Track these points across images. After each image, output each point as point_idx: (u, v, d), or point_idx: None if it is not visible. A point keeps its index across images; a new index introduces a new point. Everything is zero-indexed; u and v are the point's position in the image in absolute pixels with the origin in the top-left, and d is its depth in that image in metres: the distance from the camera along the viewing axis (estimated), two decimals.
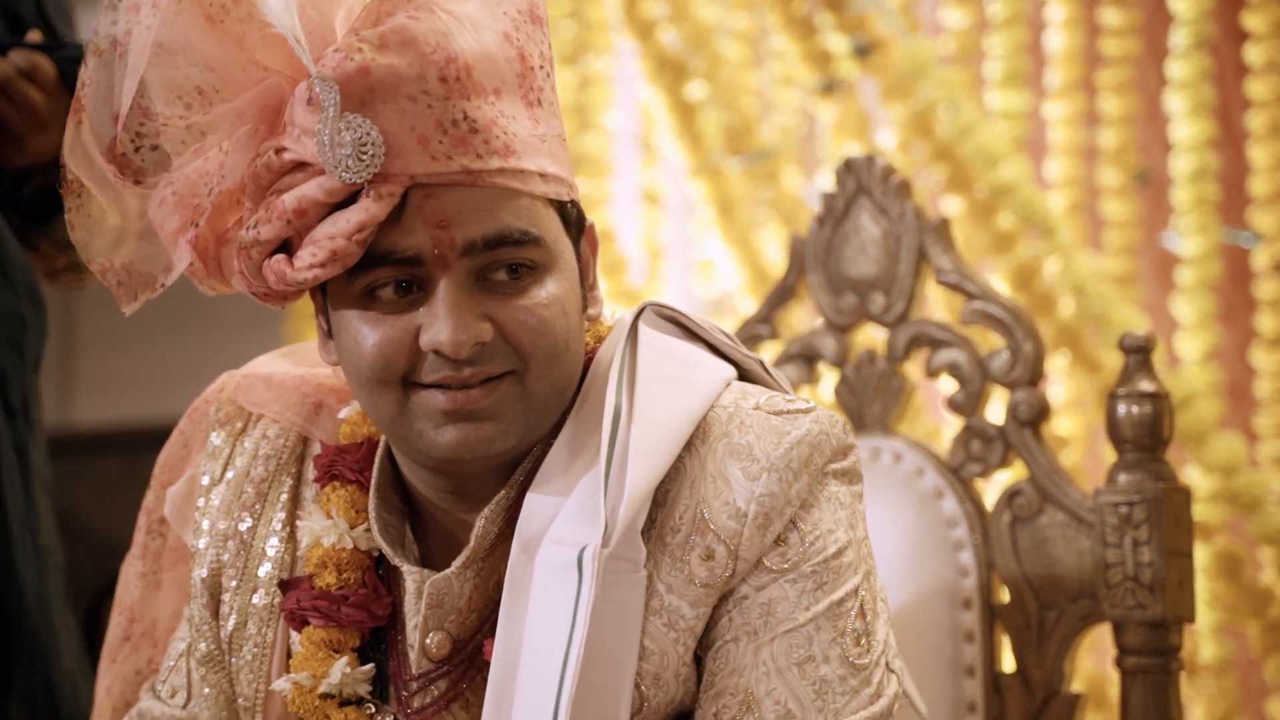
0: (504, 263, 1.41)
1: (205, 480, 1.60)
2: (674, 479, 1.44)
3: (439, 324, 1.39)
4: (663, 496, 1.44)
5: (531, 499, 1.44)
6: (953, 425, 2.65)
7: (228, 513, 1.58)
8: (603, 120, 3.23)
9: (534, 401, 1.43)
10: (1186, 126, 2.67)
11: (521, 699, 1.38)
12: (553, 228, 1.44)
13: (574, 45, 3.20)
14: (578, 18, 3.21)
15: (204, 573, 1.58)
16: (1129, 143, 2.79)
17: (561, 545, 1.40)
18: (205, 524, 1.59)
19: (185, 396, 1.72)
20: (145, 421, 3.94)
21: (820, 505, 1.45)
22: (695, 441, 1.45)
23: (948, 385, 2.01)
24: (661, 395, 1.45)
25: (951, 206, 2.67)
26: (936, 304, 2.56)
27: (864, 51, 2.69)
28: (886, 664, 1.46)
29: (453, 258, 1.39)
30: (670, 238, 3.33)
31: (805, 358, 2.05)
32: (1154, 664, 1.81)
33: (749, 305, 2.90)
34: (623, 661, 1.41)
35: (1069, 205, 2.78)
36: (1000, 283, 2.63)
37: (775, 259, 2.90)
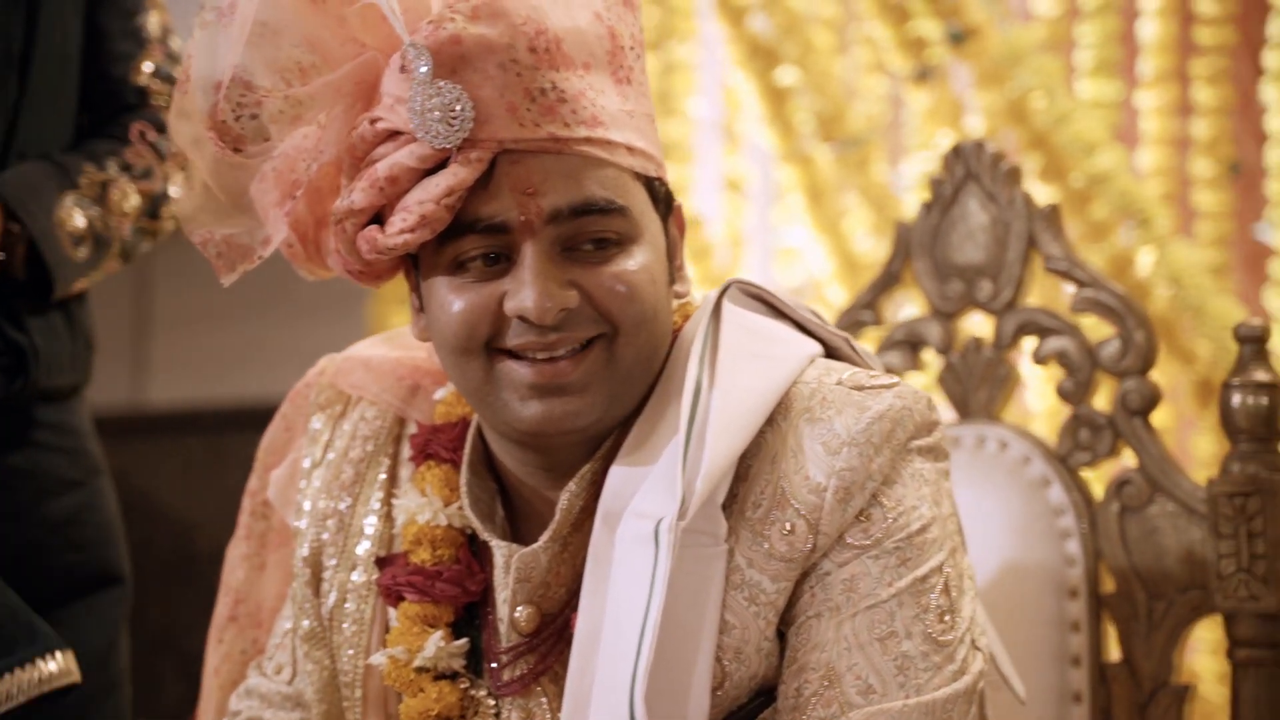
0: (591, 233, 1.42)
1: (306, 463, 1.62)
2: (756, 454, 1.44)
3: (525, 290, 1.40)
4: (745, 471, 1.44)
5: (614, 473, 1.44)
6: (1040, 415, 2.63)
7: (327, 493, 1.60)
8: (685, 107, 3.23)
9: (620, 370, 1.44)
10: None
11: (602, 671, 1.39)
12: (639, 201, 1.44)
13: (658, 31, 3.20)
14: (662, 4, 3.21)
15: (305, 551, 1.60)
16: (1222, 133, 2.77)
17: (641, 518, 1.41)
18: (306, 505, 1.61)
19: (260, 378, 1.74)
20: (221, 403, 3.97)
21: (904, 481, 1.44)
22: (777, 416, 1.45)
23: (1041, 374, 2.00)
24: (744, 370, 1.46)
25: (1046, 195, 2.66)
26: (1037, 293, 2.54)
27: (959, 37, 2.68)
28: (972, 641, 1.45)
29: (539, 224, 1.40)
30: (752, 225, 3.33)
31: (910, 344, 2.04)
32: (1267, 656, 1.79)
33: (837, 293, 2.89)
34: (701, 634, 1.41)
35: (1161, 195, 2.77)
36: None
37: (864, 246, 2.89)
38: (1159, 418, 2.67)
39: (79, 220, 2.16)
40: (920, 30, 2.78)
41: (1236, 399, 1.81)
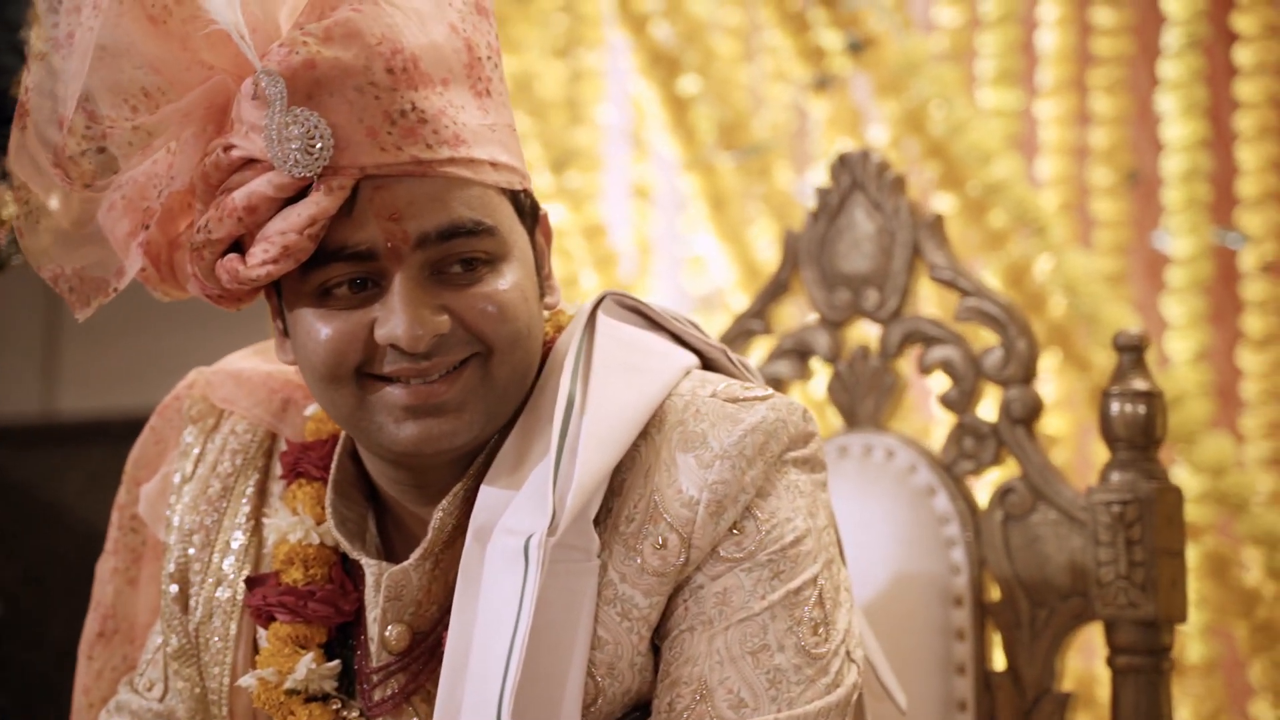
0: (458, 255, 1.41)
1: (177, 478, 1.61)
2: (629, 467, 1.44)
3: (395, 318, 1.39)
4: (618, 485, 1.44)
5: (485, 490, 1.44)
6: (943, 422, 2.64)
7: (194, 508, 1.59)
8: (594, 115, 3.23)
9: (496, 388, 1.43)
10: (1177, 127, 2.67)
11: (471, 689, 1.38)
12: (506, 217, 1.44)
13: (565, 39, 3.19)
14: (570, 11, 3.20)
15: (172, 568, 1.59)
16: (1120, 142, 2.79)
17: (511, 534, 1.40)
18: (175, 519, 1.60)
19: (171, 388, 1.72)
20: (132, 412, 3.92)
21: (778, 493, 1.45)
22: (651, 430, 1.45)
23: (939, 382, 2.01)
24: (617, 384, 1.46)
25: (943, 204, 2.67)
26: (929, 301, 2.56)
27: (857, 47, 2.69)
28: (847, 653, 1.45)
29: (406, 250, 1.39)
30: (661, 233, 3.33)
31: (798, 353, 2.05)
32: (1145, 663, 1.81)
33: (741, 301, 2.90)
34: (572, 650, 1.41)
35: (1060, 204, 2.78)
36: (992, 281, 2.63)
37: (767, 255, 2.90)
38: (1057, 425, 2.70)
39: None
40: (819, 40, 2.78)
41: (1115, 407, 1.83)
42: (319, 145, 1.35)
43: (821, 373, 2.05)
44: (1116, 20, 2.78)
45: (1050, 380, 2.71)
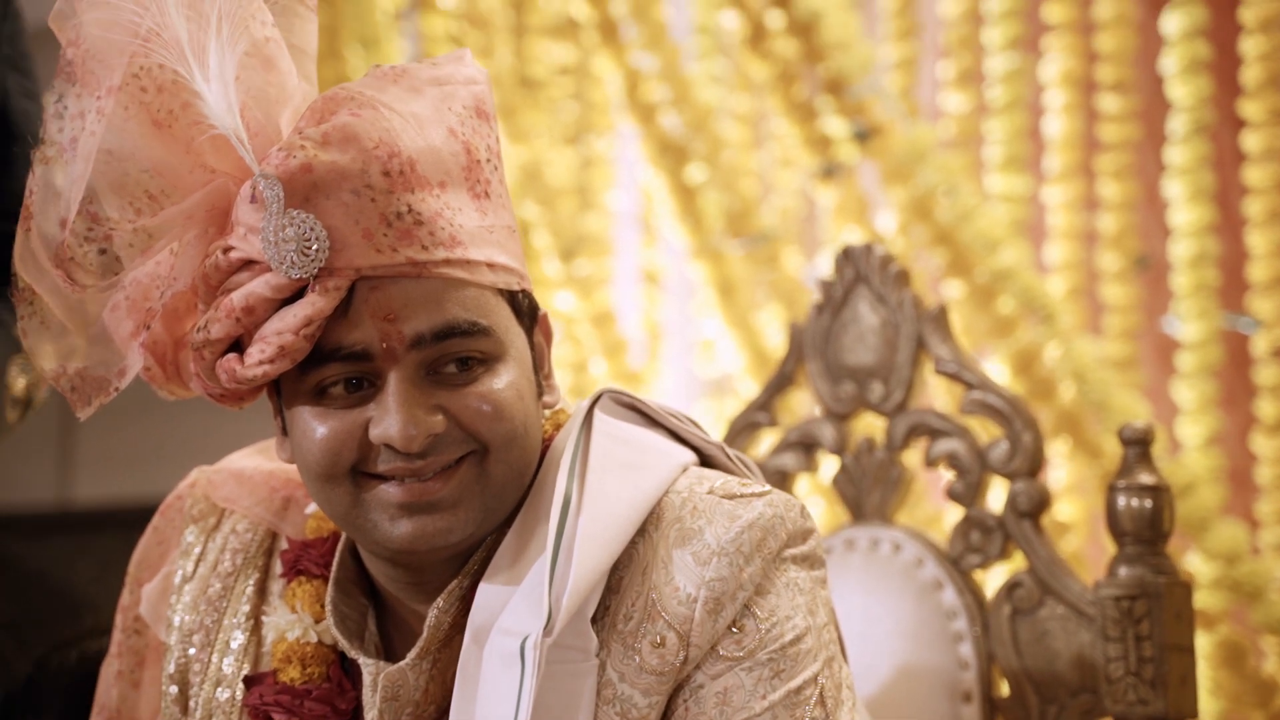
0: (453, 355, 1.41)
1: (178, 577, 1.61)
2: (627, 565, 1.44)
3: (389, 418, 1.39)
4: (616, 583, 1.43)
5: (483, 589, 1.43)
6: (953, 514, 2.63)
7: (195, 607, 1.59)
8: (604, 200, 3.24)
9: (492, 486, 1.43)
10: (1186, 212, 2.67)
11: None
12: (503, 318, 1.44)
13: (576, 126, 3.21)
14: (580, 99, 3.22)
15: (172, 669, 1.59)
16: (1128, 227, 2.79)
17: (508, 635, 1.40)
18: (176, 619, 1.60)
19: (185, 473, 1.72)
20: (146, 499, 3.92)
21: (777, 591, 1.44)
22: (649, 527, 1.45)
23: (947, 474, 2.00)
24: (614, 481, 1.45)
25: (952, 291, 2.67)
26: (938, 391, 2.55)
27: (863, 136, 2.70)
28: None
29: (401, 351, 1.39)
30: (671, 318, 3.33)
31: (804, 445, 2.04)
32: None
33: (749, 387, 2.90)
34: None
35: (1069, 289, 2.78)
36: (1000, 368, 2.63)
37: (775, 341, 2.90)
38: (1068, 513, 2.68)
39: (19, 385, 2.14)
40: (826, 128, 2.80)
41: (1121, 501, 1.82)
42: (314, 247, 1.36)
43: (827, 465, 2.04)
44: (1123, 106, 2.79)
45: (1061, 467, 2.70)
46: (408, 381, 1.40)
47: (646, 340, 3.26)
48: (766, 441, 2.09)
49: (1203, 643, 2.51)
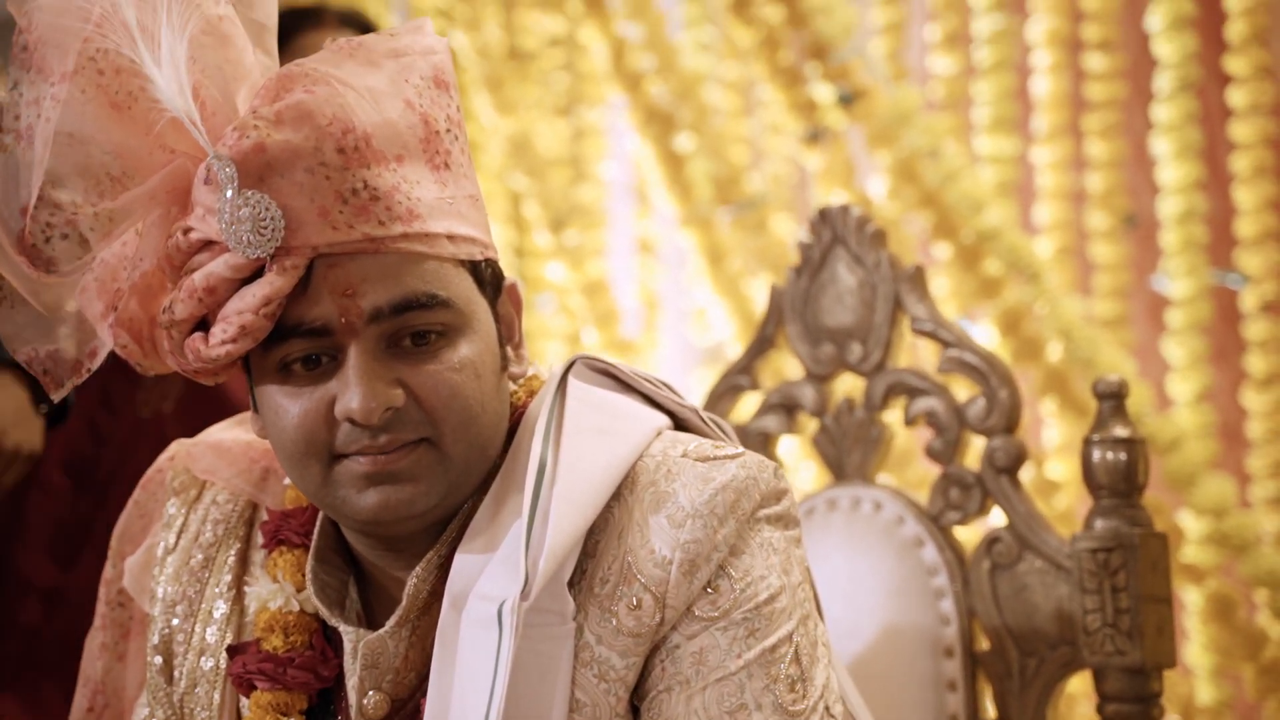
0: (412, 328, 1.42)
1: (160, 549, 1.62)
2: (603, 529, 1.44)
3: (350, 392, 1.40)
4: (592, 547, 1.44)
5: (460, 556, 1.44)
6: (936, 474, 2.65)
7: (177, 578, 1.60)
8: (597, 171, 3.25)
9: (452, 465, 1.44)
10: (1173, 169, 2.68)
11: None
12: (464, 289, 1.45)
13: (567, 97, 3.23)
14: (571, 70, 3.23)
15: (156, 639, 1.60)
16: (1116, 186, 2.80)
17: (485, 600, 1.41)
18: (159, 591, 1.61)
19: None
20: None
21: (751, 551, 1.45)
22: (624, 491, 1.45)
23: (929, 433, 2.01)
24: (588, 446, 1.46)
25: (941, 253, 2.68)
26: (923, 351, 2.56)
27: (848, 100, 2.71)
28: (826, 709, 1.44)
29: (360, 325, 1.40)
30: (665, 287, 3.35)
31: (785, 407, 2.05)
32: (1135, 711, 1.80)
33: (739, 353, 2.91)
34: (549, 714, 1.41)
35: (1058, 249, 2.79)
36: (989, 328, 2.64)
37: (765, 307, 2.91)
38: (1058, 470, 2.69)
39: None
40: (813, 93, 2.80)
41: (1096, 454, 1.83)
42: (270, 227, 1.37)
43: (809, 426, 2.05)
44: (1109, 65, 2.79)
45: (1052, 425, 2.71)
46: (368, 354, 1.41)
47: (643, 310, 3.27)
48: (748, 404, 2.11)
49: (1193, 597, 2.52)
